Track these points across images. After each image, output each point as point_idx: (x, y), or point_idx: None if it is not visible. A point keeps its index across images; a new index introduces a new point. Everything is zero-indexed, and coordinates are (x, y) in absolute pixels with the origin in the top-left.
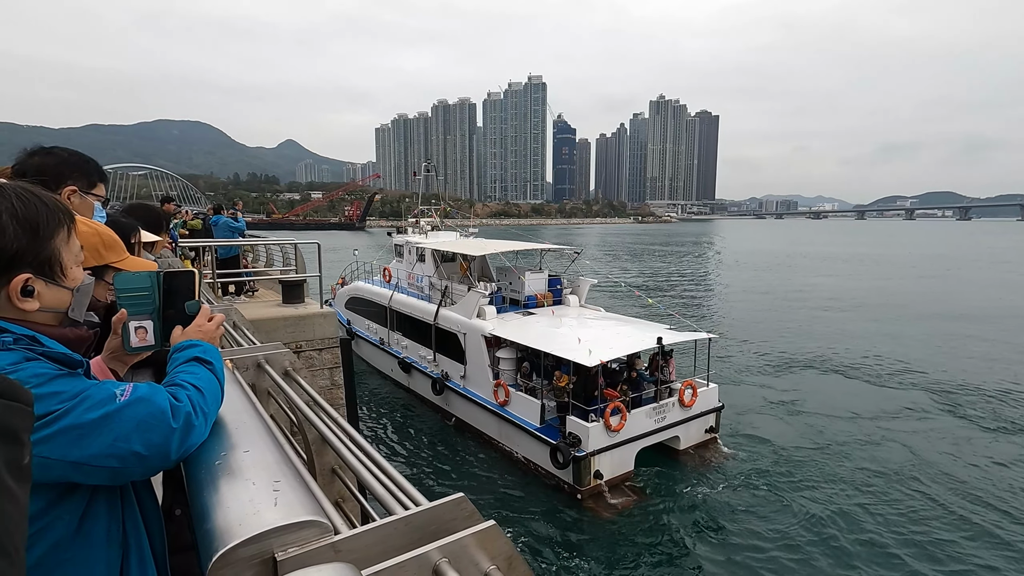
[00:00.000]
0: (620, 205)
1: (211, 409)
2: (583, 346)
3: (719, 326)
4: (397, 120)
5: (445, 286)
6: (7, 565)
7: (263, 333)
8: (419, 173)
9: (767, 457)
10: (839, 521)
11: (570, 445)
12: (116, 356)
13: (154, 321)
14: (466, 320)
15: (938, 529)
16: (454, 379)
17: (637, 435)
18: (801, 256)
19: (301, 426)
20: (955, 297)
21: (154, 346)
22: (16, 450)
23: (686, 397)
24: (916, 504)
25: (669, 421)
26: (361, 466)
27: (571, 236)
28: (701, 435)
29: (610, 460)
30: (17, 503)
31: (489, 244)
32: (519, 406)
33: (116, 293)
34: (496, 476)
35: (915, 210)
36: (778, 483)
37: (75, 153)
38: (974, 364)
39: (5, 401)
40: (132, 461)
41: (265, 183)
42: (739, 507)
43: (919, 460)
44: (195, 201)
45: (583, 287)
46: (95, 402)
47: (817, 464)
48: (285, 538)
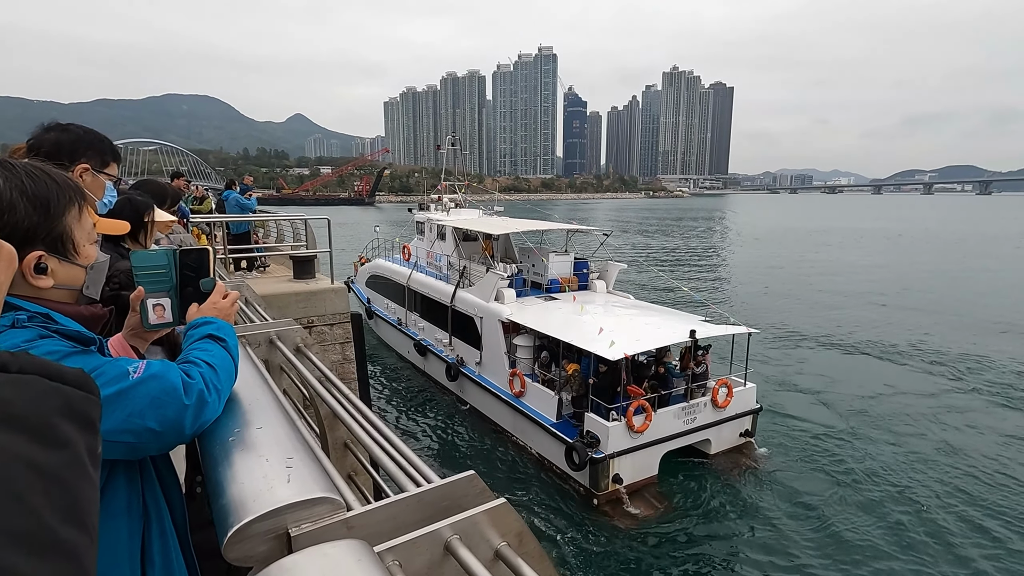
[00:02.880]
0: (631, 180)
1: (224, 386)
2: (605, 337)
3: (748, 314)
4: (406, 93)
5: (464, 266)
6: (88, 542)
7: (275, 309)
8: (443, 147)
9: (808, 463)
10: (895, 543)
11: (587, 445)
12: (136, 333)
13: (172, 298)
14: (483, 303)
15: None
16: (469, 365)
17: (663, 437)
18: (825, 232)
19: (313, 401)
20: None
21: (173, 323)
22: (94, 439)
23: (720, 397)
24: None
25: (700, 423)
26: (372, 442)
27: (581, 211)
28: (735, 439)
29: (631, 463)
30: (94, 487)
31: (511, 223)
32: (535, 398)
33: (134, 271)
34: (506, 469)
35: (934, 184)
36: (822, 495)
37: (90, 131)
38: None
39: (85, 394)
40: (147, 436)
41: (275, 158)
42: (776, 522)
43: (1000, 467)
44: (206, 176)
45: (611, 272)
46: (109, 379)
47: (872, 476)
48: (299, 514)
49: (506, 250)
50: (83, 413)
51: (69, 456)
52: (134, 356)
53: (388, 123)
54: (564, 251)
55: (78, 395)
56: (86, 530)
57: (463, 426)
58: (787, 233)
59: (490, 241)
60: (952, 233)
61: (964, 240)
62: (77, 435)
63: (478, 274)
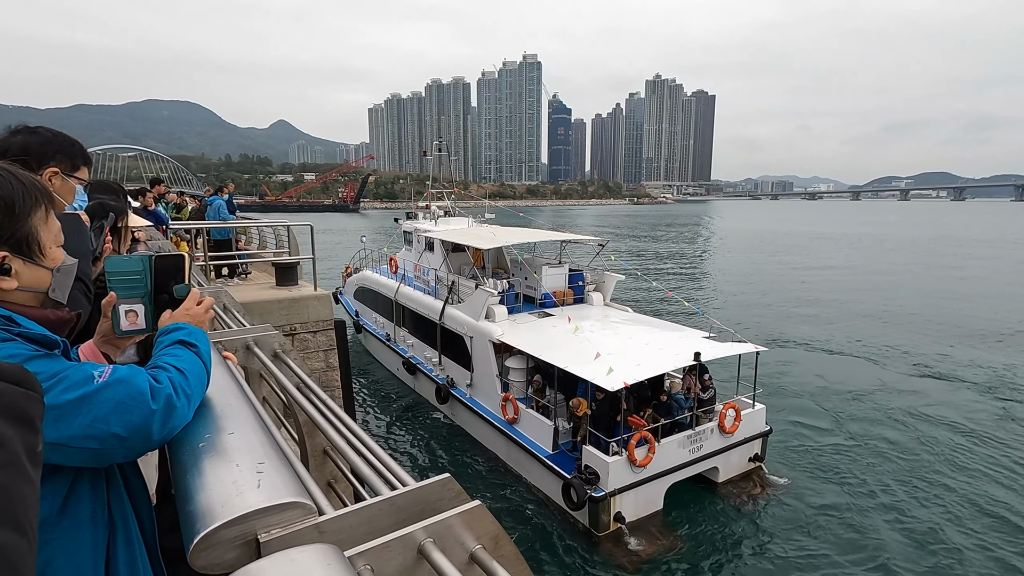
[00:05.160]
0: (616, 186)
1: (195, 391)
2: (602, 363)
3: (747, 324)
4: (391, 100)
5: (452, 281)
6: (25, 544)
7: (256, 316)
8: (430, 152)
9: (821, 486)
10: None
11: (586, 482)
12: (107, 340)
13: (146, 305)
14: (473, 322)
15: None
16: (460, 387)
17: (668, 469)
18: (822, 239)
19: (292, 408)
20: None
21: (145, 330)
22: (33, 437)
23: (727, 422)
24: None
25: (707, 451)
26: (349, 448)
27: (566, 218)
28: (744, 464)
29: (634, 499)
30: (33, 487)
31: (502, 235)
32: (529, 426)
33: (107, 276)
34: (499, 499)
35: (910, 190)
36: (838, 518)
37: (60, 134)
38: None
39: (24, 390)
40: (112, 442)
41: (258, 164)
42: (790, 554)
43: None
44: (187, 183)
45: (609, 283)
46: (72, 383)
47: (886, 492)
48: (268, 519)
49: (497, 260)
50: (20, 410)
51: (4, 455)
52: (105, 363)
53: (373, 129)
54: (558, 262)
55: (14, 391)
56: (23, 532)
57: (456, 448)
58: (780, 238)
59: (480, 252)
60: (944, 236)
61: (963, 242)
62: (13, 433)
63: (467, 289)
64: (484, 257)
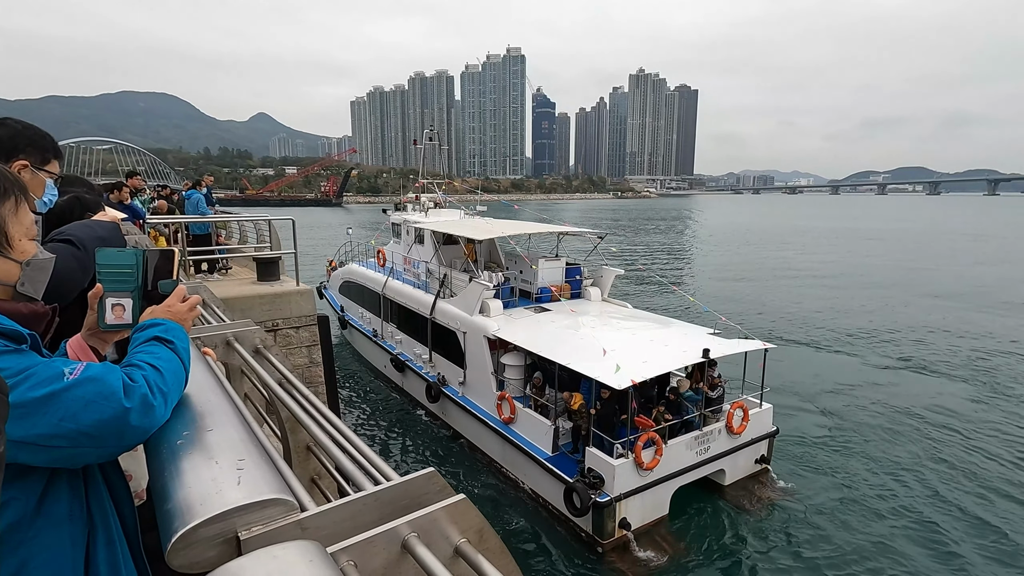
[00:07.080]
0: (600, 180)
1: (171, 389)
2: (609, 359)
3: (747, 319)
4: (373, 93)
5: (444, 274)
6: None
7: (237, 312)
8: (420, 141)
9: (830, 487)
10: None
11: (589, 486)
12: (94, 334)
13: (135, 299)
14: (466, 317)
15: None
16: (452, 385)
17: (675, 472)
18: (809, 232)
19: (274, 404)
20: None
21: (131, 324)
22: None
23: (735, 422)
24: None
25: (714, 452)
26: (332, 443)
27: (551, 211)
28: (751, 466)
29: (640, 504)
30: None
31: (496, 226)
32: (527, 426)
33: (98, 268)
34: (492, 505)
35: (887, 185)
36: (847, 525)
37: (30, 126)
38: None
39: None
40: (83, 442)
41: (238, 158)
42: (799, 559)
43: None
44: (164, 176)
45: (607, 278)
46: (40, 380)
47: (900, 498)
48: (249, 517)
49: (491, 254)
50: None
51: None
52: (93, 358)
53: (355, 123)
54: (555, 256)
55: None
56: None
57: (445, 449)
58: (765, 233)
59: (472, 245)
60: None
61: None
62: None
63: (460, 283)
64: (477, 250)
